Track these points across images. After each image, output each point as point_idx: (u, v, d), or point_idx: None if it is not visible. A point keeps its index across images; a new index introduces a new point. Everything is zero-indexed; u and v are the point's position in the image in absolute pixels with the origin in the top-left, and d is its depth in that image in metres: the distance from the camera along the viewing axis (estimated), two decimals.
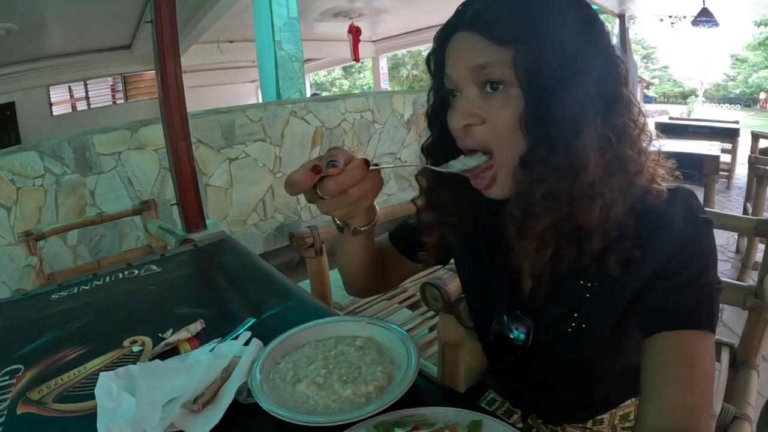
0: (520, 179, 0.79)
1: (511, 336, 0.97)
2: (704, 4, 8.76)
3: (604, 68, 0.76)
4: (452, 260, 1.17)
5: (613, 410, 1.05)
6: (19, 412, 0.95)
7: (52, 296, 1.48)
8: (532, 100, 0.75)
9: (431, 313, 2.28)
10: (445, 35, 0.83)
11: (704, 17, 8.97)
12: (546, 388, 1.04)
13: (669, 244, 0.78)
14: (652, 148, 0.83)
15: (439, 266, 2.63)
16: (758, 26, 24.21)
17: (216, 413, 0.86)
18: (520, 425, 1.14)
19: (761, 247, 3.54)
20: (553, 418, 1.10)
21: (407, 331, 2.12)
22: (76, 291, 1.51)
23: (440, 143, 0.91)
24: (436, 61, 0.87)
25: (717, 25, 9.14)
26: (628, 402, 1.04)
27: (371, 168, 0.80)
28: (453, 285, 1.45)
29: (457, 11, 0.82)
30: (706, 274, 0.79)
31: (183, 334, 1.17)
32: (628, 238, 0.78)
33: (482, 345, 1.15)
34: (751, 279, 3.35)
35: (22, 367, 1.10)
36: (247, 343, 1.07)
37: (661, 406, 0.73)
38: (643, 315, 0.81)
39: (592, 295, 0.87)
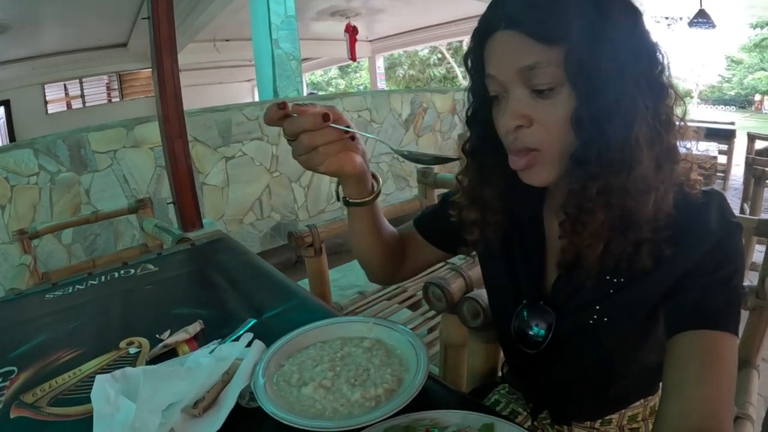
0: (572, 176, 0.78)
1: (531, 332, 0.96)
2: (701, 6, 8.81)
3: (649, 57, 0.76)
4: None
5: (623, 410, 1.04)
6: (12, 416, 0.93)
7: (47, 296, 1.46)
8: (584, 98, 0.74)
9: (432, 313, 2.27)
10: (483, 34, 0.81)
11: (701, 19, 9.04)
12: (563, 383, 1.02)
13: (705, 242, 0.78)
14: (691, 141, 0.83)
15: (437, 265, 2.64)
16: (754, 28, 24.29)
17: (218, 418, 0.84)
18: (527, 425, 1.13)
19: (758, 247, 3.55)
20: (566, 415, 1.09)
21: None
22: (70, 290, 1.49)
23: (483, 143, 0.91)
24: (475, 61, 0.85)
25: (714, 26, 9.22)
26: (637, 403, 1.04)
27: (330, 124, 0.81)
28: (456, 285, 1.43)
29: (494, 7, 0.79)
30: (736, 277, 0.79)
31: (181, 335, 1.15)
32: (665, 227, 0.78)
33: (500, 339, 1.16)
34: (749, 279, 3.35)
35: (15, 368, 1.08)
36: (248, 344, 1.05)
37: (685, 406, 0.72)
38: (672, 312, 0.81)
39: (615, 290, 0.86)
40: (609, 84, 0.71)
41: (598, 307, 0.88)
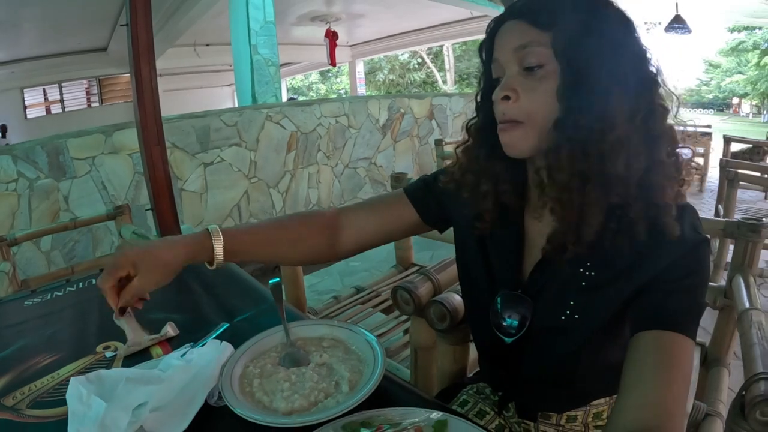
0: (550, 140, 0.85)
1: (504, 324, 1.01)
2: (677, 11, 8.90)
3: (636, 59, 0.85)
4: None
5: (587, 408, 1.07)
6: None
7: (26, 302, 1.48)
8: (568, 71, 0.83)
9: (405, 317, 2.29)
10: (495, 26, 0.94)
11: (677, 24, 9.12)
12: (532, 376, 1.06)
13: (676, 250, 0.84)
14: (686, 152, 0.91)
15: (412, 270, 2.68)
16: (731, 32, 24.52)
17: (186, 416, 0.88)
18: (493, 425, 1.17)
19: (731, 248, 3.59)
20: (531, 407, 1.12)
21: (381, 335, 2.15)
22: (49, 297, 1.51)
23: (487, 125, 0.97)
24: (487, 49, 0.96)
25: (689, 31, 9.28)
26: (602, 400, 1.07)
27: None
28: (424, 288, 1.47)
29: (510, 5, 0.92)
30: (700, 288, 0.85)
31: (155, 338, 1.18)
32: (638, 220, 0.83)
33: (474, 331, 1.20)
34: (723, 279, 3.41)
35: None
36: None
37: (639, 402, 0.76)
38: (637, 312, 0.86)
39: (588, 284, 0.91)
40: (590, 62, 0.81)
41: (572, 303, 0.93)
